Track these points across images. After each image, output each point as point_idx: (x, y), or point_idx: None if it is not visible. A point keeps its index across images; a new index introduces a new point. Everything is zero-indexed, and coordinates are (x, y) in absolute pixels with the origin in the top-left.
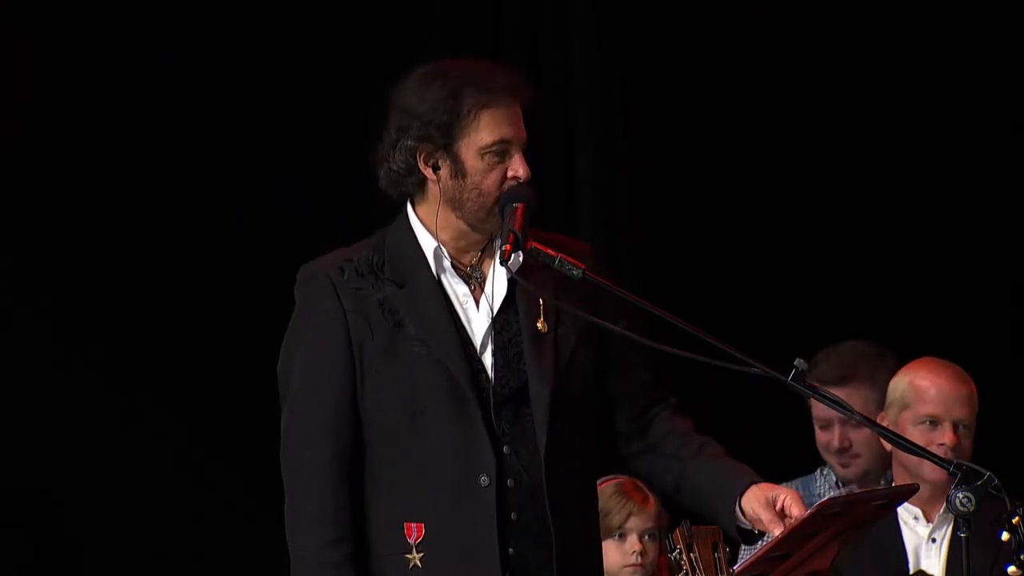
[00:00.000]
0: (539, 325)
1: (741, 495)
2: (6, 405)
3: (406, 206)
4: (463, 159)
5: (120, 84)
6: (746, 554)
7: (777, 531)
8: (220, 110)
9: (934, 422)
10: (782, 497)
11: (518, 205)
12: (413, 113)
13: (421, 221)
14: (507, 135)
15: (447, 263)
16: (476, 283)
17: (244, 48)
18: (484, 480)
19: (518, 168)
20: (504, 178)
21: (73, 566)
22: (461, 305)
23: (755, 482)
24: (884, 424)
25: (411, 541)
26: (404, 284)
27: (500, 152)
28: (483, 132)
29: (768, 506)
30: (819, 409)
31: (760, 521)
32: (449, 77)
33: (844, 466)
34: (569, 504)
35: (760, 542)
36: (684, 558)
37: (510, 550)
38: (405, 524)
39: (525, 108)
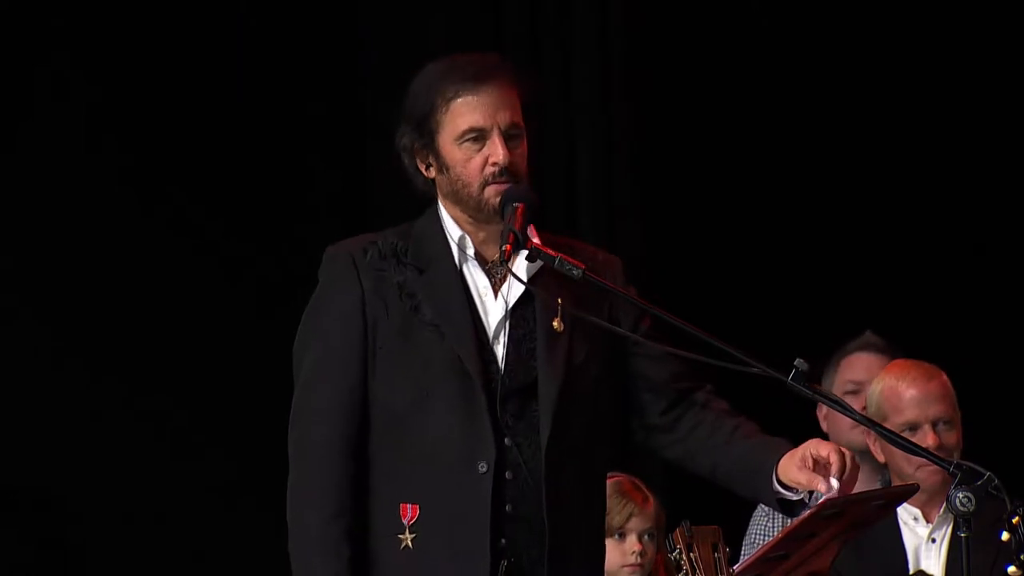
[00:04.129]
0: (555, 324)
1: (775, 470)
2: (6, 405)
3: (438, 198)
4: (444, 152)
5: (120, 86)
6: (746, 554)
7: (821, 485)
8: (220, 111)
9: (913, 427)
10: (808, 454)
11: (518, 205)
12: (403, 115)
13: (448, 213)
14: (477, 122)
15: (471, 252)
16: (499, 276)
17: (244, 48)
18: (482, 467)
19: (495, 153)
20: (485, 164)
21: (73, 566)
22: (480, 296)
23: (785, 453)
24: (870, 440)
25: (405, 521)
26: (425, 270)
27: (476, 139)
28: (456, 121)
29: (802, 468)
30: (854, 372)
31: (801, 484)
32: (427, 74)
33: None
34: (569, 503)
35: (803, 510)
36: (684, 558)
37: (502, 541)
38: (401, 504)
39: (510, 92)
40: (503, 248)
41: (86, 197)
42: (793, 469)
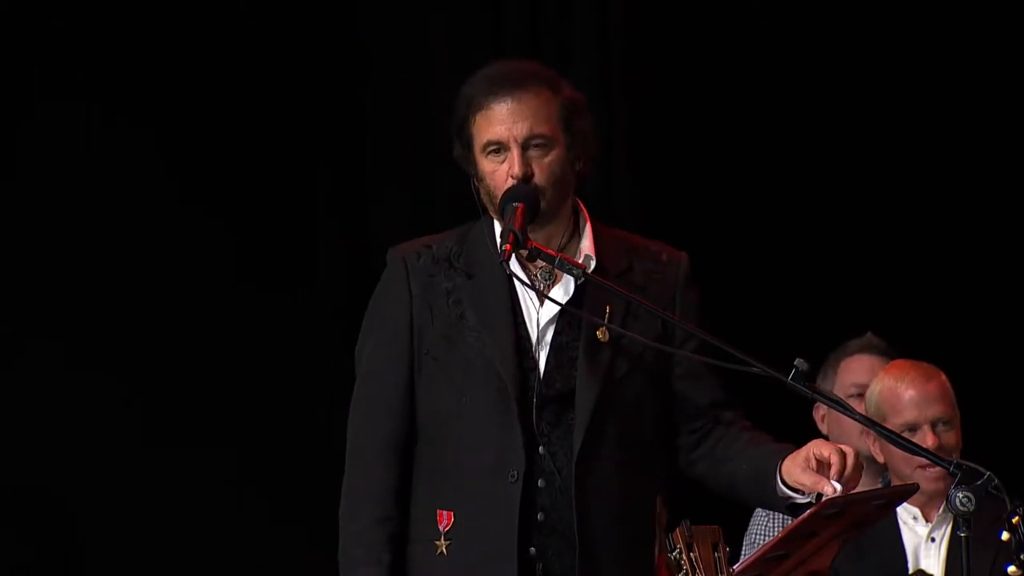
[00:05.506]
0: (599, 334)
1: (779, 473)
2: (6, 405)
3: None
4: (477, 163)
5: (120, 86)
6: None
7: (826, 488)
8: (220, 111)
9: (912, 428)
10: (812, 454)
11: (518, 205)
12: (451, 127)
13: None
14: (495, 135)
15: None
16: (546, 283)
17: (244, 48)
18: (512, 476)
19: (512, 166)
20: (507, 176)
21: (73, 566)
22: (525, 303)
23: (787, 455)
24: (870, 440)
25: (441, 528)
26: (474, 275)
27: (497, 151)
28: (480, 135)
29: (805, 470)
30: (856, 375)
31: (806, 486)
32: (465, 85)
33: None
34: (605, 512)
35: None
36: (684, 558)
37: (531, 549)
38: (438, 511)
39: (535, 102)
40: (502, 248)
41: (85, 197)
42: (797, 471)
